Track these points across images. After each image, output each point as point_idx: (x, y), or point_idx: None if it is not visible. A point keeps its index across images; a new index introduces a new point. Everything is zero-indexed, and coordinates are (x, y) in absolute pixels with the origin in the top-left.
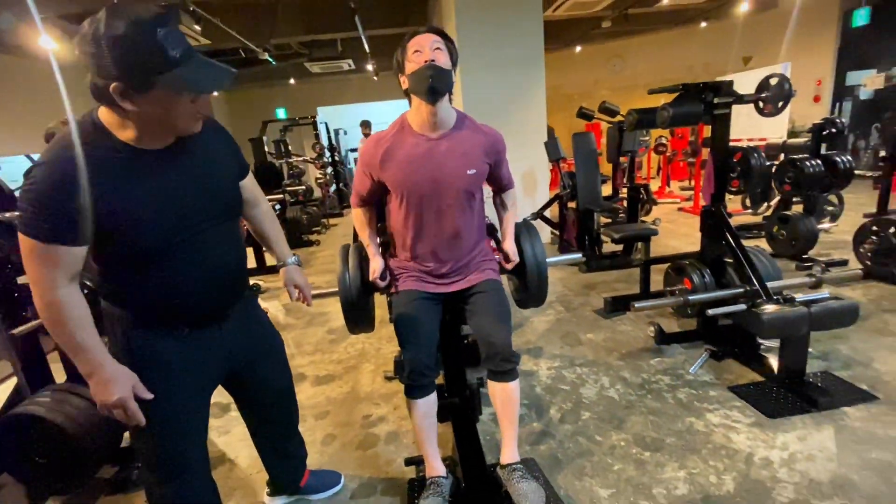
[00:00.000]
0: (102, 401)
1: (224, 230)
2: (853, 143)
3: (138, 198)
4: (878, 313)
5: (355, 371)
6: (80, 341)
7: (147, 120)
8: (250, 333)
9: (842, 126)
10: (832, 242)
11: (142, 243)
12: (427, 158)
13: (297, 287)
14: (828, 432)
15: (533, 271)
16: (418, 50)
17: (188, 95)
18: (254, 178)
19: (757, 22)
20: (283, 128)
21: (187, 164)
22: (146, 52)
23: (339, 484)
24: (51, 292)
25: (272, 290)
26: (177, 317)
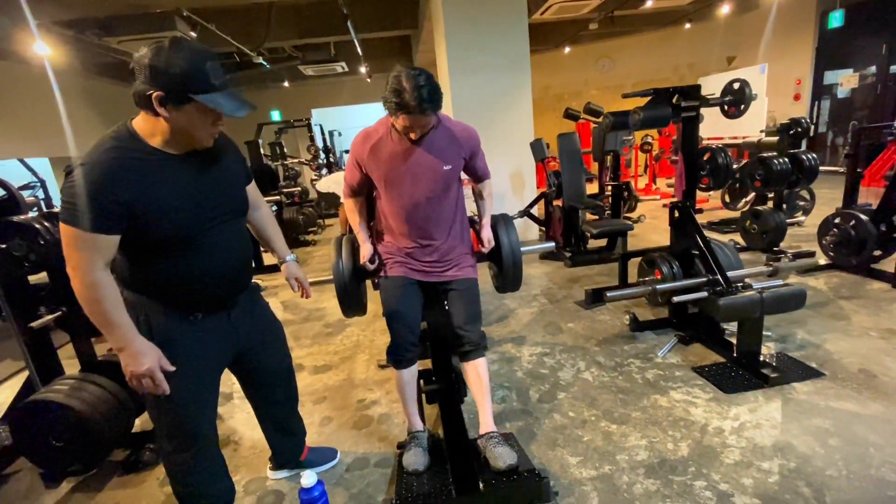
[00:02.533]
0: (133, 371)
1: (234, 227)
2: (831, 140)
3: (166, 193)
4: (836, 300)
5: (350, 361)
6: (116, 318)
7: (174, 128)
8: (255, 320)
9: (807, 125)
10: (804, 235)
11: (168, 233)
12: (407, 156)
13: (297, 280)
14: (776, 404)
15: (508, 258)
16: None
17: (212, 116)
18: (255, 184)
19: (739, 23)
20: (277, 130)
21: (204, 168)
22: (193, 75)
23: (336, 458)
24: (91, 274)
25: (270, 288)
26: (193, 302)
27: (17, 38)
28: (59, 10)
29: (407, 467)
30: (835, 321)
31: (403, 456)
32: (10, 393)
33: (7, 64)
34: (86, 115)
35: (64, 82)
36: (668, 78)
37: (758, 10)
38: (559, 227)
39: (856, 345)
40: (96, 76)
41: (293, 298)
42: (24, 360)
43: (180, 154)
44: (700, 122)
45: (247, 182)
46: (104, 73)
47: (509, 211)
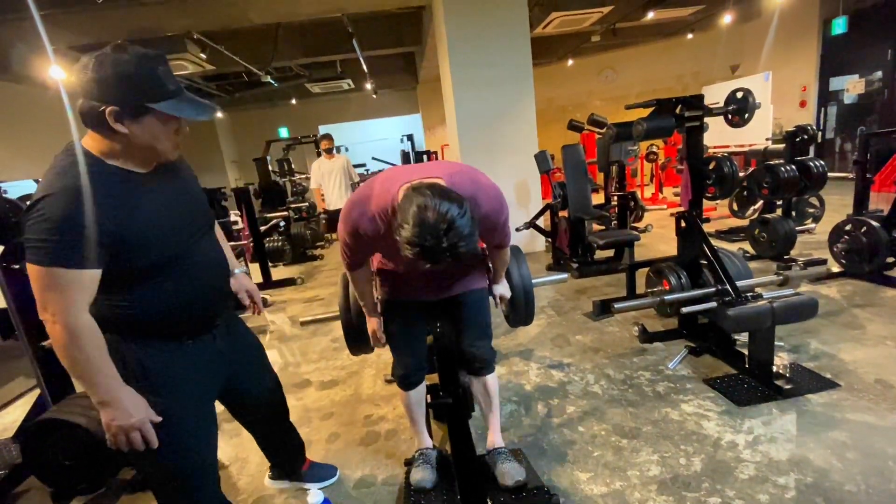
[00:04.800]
0: (121, 425)
1: (209, 241)
2: (840, 146)
3: (147, 215)
4: (849, 308)
5: (357, 376)
6: (100, 367)
7: (135, 144)
8: (237, 340)
9: (813, 132)
10: (814, 243)
11: (155, 256)
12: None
13: (248, 294)
14: (790, 417)
15: (520, 294)
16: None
17: (174, 124)
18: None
19: (742, 32)
20: (285, 147)
21: (171, 183)
22: (146, 83)
23: (335, 476)
24: (74, 318)
25: (278, 303)
26: (180, 326)
27: (33, 64)
28: (74, 35)
29: (414, 484)
30: (849, 330)
31: (411, 473)
32: (20, 412)
33: (23, 88)
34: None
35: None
36: (672, 87)
37: (760, 18)
38: (565, 238)
39: (871, 354)
40: None
41: (301, 314)
42: (36, 379)
43: (145, 172)
44: (705, 131)
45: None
46: None
47: (515, 223)
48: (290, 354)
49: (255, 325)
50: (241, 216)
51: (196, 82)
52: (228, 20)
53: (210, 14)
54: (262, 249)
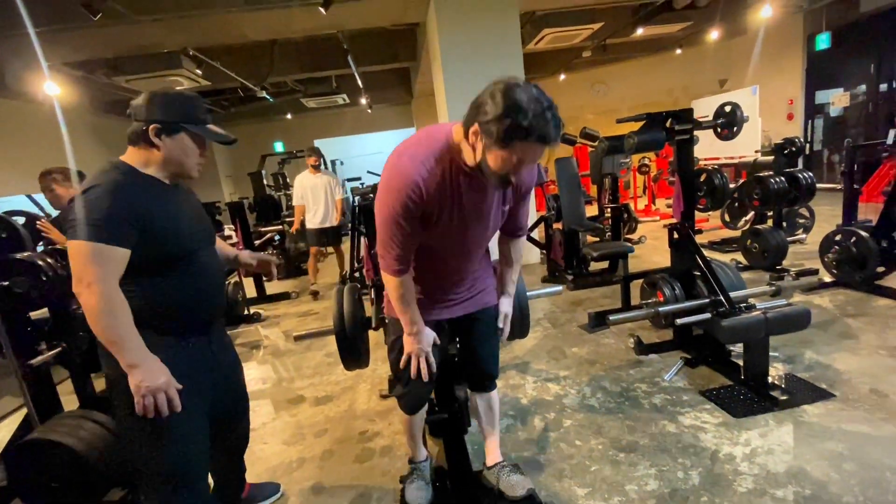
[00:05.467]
0: (149, 385)
1: (211, 252)
2: (827, 158)
3: (168, 212)
4: (842, 318)
5: (352, 391)
6: (130, 334)
7: (167, 157)
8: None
9: (801, 144)
10: (806, 253)
11: (171, 249)
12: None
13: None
14: (787, 428)
15: (515, 307)
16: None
17: (200, 146)
18: None
19: (729, 47)
20: (280, 161)
21: (185, 198)
22: (183, 108)
23: (279, 492)
24: (109, 287)
25: (272, 318)
26: (182, 321)
27: (27, 80)
28: (69, 52)
29: (410, 502)
30: (842, 340)
31: (406, 490)
32: (6, 432)
33: (17, 104)
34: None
35: (73, 120)
36: (663, 101)
37: (746, 34)
38: (560, 250)
39: (865, 364)
40: (104, 113)
41: (295, 328)
42: (23, 398)
43: (168, 184)
44: (695, 144)
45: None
46: (112, 110)
47: None
48: (283, 370)
49: (250, 339)
50: (235, 230)
51: None
52: (224, 37)
53: (206, 31)
54: None
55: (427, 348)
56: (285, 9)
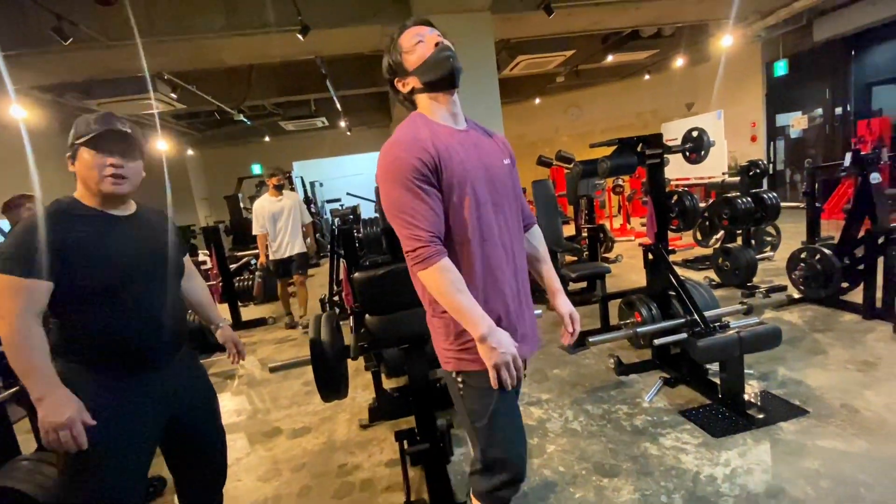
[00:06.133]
0: (52, 421)
1: (164, 287)
2: (790, 177)
3: (90, 245)
4: (811, 334)
5: (331, 421)
6: (40, 364)
7: (81, 179)
8: (188, 385)
9: (764, 166)
10: (774, 270)
11: (94, 281)
12: (469, 145)
13: (234, 343)
14: (764, 447)
15: None
16: (420, 39)
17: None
18: (189, 258)
19: (694, 73)
20: (258, 183)
21: (139, 229)
22: (78, 128)
23: None
24: (22, 319)
25: (249, 344)
26: (110, 358)
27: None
28: (39, 76)
29: None
30: (812, 356)
31: None
32: None
33: None
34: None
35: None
36: (633, 123)
37: (709, 61)
38: None
39: (835, 379)
40: None
41: (272, 356)
42: None
43: (118, 215)
44: (666, 166)
45: (184, 252)
46: None
47: None
48: (259, 401)
49: (224, 369)
50: (210, 255)
51: (167, 120)
52: (201, 62)
53: (182, 56)
54: (231, 289)
55: (514, 349)
56: (263, 35)
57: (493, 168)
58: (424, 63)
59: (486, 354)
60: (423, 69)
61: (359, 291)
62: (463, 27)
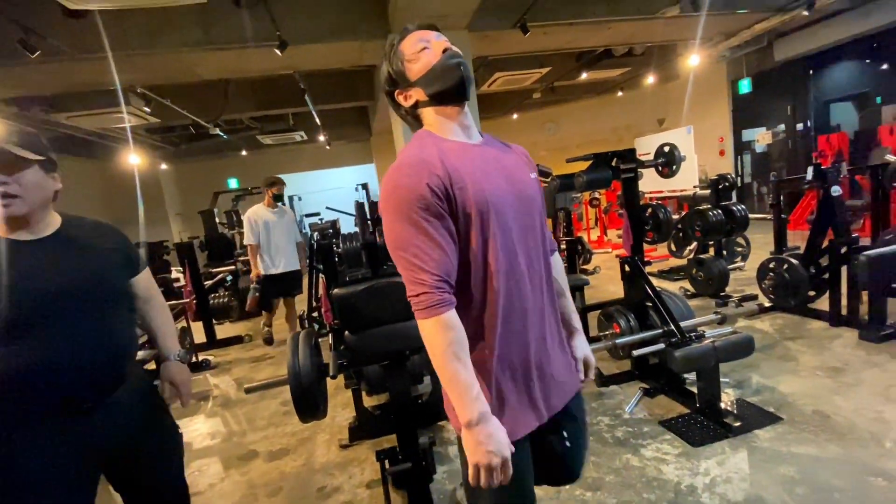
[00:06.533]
0: None
1: (96, 315)
2: (757, 189)
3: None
4: (782, 341)
5: (310, 442)
6: None
7: None
8: (134, 427)
9: (733, 180)
10: (745, 279)
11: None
12: (488, 161)
13: (172, 385)
14: (742, 454)
15: None
16: (425, 46)
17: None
18: (150, 275)
19: (664, 91)
20: (235, 197)
21: (59, 253)
22: None
23: None
24: None
25: (223, 364)
26: (34, 402)
27: None
28: (3, 89)
29: None
30: (784, 363)
31: None
32: None
33: None
34: None
35: None
36: (608, 138)
37: (679, 79)
38: None
39: (806, 385)
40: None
41: (248, 375)
42: None
43: (26, 239)
44: (639, 179)
45: (133, 271)
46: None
47: None
48: (234, 422)
49: (198, 390)
50: (183, 272)
51: (140, 134)
52: (176, 76)
53: (155, 69)
54: (205, 307)
55: (506, 451)
56: (240, 50)
57: (520, 184)
58: (430, 71)
59: (470, 446)
60: (429, 79)
61: (338, 308)
62: None
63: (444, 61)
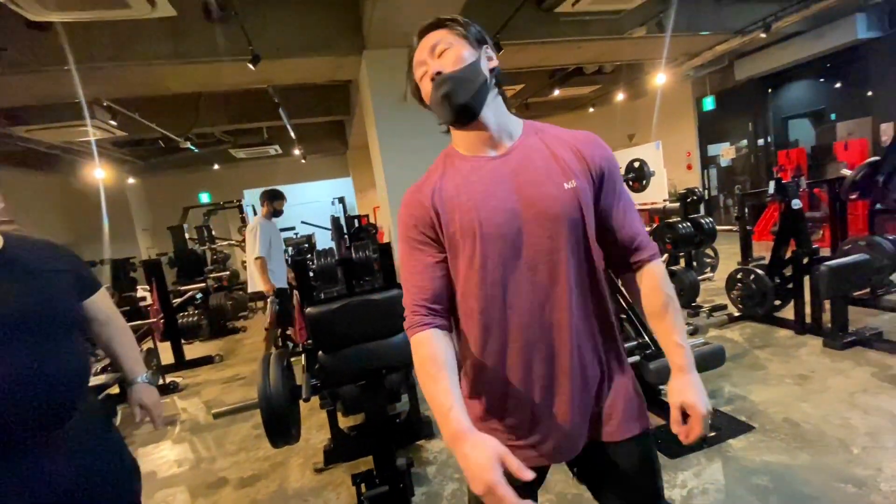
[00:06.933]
0: None
1: (46, 346)
2: (723, 202)
3: None
4: (751, 350)
5: (283, 467)
6: None
7: None
8: (82, 466)
9: (700, 193)
10: (714, 290)
11: None
12: (496, 181)
13: (143, 408)
14: (717, 465)
15: None
16: (424, 71)
17: None
18: (106, 295)
19: (634, 107)
20: (206, 213)
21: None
22: None
23: None
24: None
25: (192, 385)
26: None
27: None
28: None
29: None
30: (754, 371)
31: None
32: None
33: None
34: None
35: None
36: None
37: (647, 96)
38: None
39: (775, 393)
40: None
41: (218, 398)
42: None
43: None
44: None
45: (84, 294)
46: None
47: None
48: (203, 448)
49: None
50: (150, 290)
51: (106, 148)
52: (145, 89)
53: (123, 82)
54: (174, 326)
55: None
56: (212, 63)
57: (540, 202)
58: (431, 103)
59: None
60: (433, 108)
61: (312, 327)
62: None
63: (434, 95)
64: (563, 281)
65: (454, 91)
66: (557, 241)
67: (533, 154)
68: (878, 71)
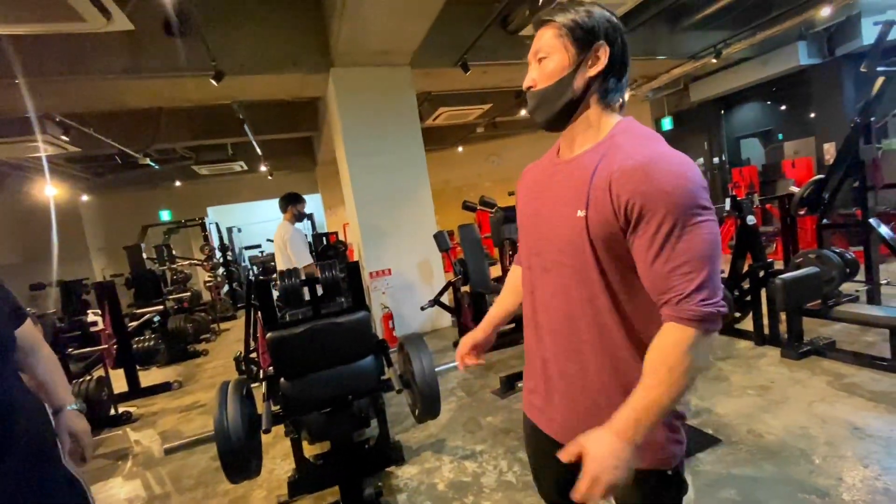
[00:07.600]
0: None
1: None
2: None
3: None
4: (715, 362)
5: (244, 501)
6: None
7: None
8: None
9: None
10: None
11: None
12: (550, 185)
13: (73, 436)
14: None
15: (424, 385)
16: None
17: None
18: (32, 325)
19: None
20: (166, 231)
21: None
22: None
23: None
24: None
25: (147, 415)
26: None
27: None
28: None
29: None
30: (718, 383)
31: None
32: None
33: None
34: None
35: None
36: None
37: None
38: (469, 313)
39: (739, 405)
40: None
41: (174, 428)
42: None
43: None
44: None
45: (18, 323)
46: None
47: (420, 301)
48: (157, 484)
49: (115, 447)
50: (102, 315)
51: (57, 164)
52: (100, 103)
53: (76, 96)
54: (128, 352)
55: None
56: (173, 78)
57: (548, 221)
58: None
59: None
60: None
61: (273, 353)
62: (386, 78)
63: (528, 106)
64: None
65: (538, 108)
66: (562, 258)
67: (576, 172)
68: (819, 94)
